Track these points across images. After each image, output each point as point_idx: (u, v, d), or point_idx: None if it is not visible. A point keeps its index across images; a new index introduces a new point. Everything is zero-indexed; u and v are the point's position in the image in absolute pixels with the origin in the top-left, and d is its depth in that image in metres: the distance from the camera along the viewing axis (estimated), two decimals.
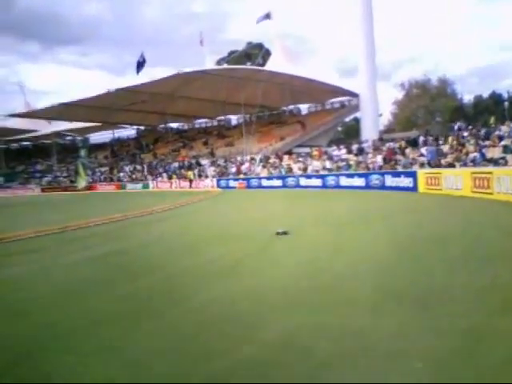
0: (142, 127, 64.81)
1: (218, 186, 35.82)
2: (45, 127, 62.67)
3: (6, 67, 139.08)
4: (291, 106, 52.91)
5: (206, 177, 38.50)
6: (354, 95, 44.90)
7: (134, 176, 46.57)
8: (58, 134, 62.59)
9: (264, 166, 34.80)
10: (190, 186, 37.66)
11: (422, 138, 25.30)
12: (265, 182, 32.25)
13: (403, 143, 26.02)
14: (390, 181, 21.77)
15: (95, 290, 5.44)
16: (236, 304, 4.46)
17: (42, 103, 53.65)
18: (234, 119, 56.77)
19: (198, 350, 3.39)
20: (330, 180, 26.71)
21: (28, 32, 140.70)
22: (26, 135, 66.27)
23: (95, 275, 6.28)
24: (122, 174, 48.28)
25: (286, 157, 35.53)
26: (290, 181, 30.17)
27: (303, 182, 29.14)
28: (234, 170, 37.08)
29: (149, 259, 7.35)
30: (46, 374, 3.13)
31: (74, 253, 8.26)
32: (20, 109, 58.49)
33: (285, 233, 8.85)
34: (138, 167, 48.58)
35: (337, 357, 3.12)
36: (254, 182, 33.15)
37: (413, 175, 20.00)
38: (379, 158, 25.38)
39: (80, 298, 5.11)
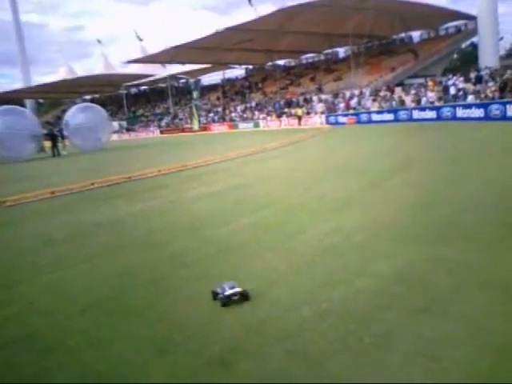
0: (250, 66, 65.76)
1: (327, 122, 35.74)
2: (160, 71, 66.31)
3: (121, 15, 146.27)
4: (402, 35, 49.97)
5: (316, 113, 38.65)
6: (471, 18, 41.34)
7: (245, 115, 48.22)
8: (173, 77, 65.82)
9: (374, 100, 34.16)
10: (299, 124, 38.11)
11: None
12: (375, 117, 31.63)
13: None
14: None
15: (217, 222, 5.79)
16: (351, 237, 4.51)
17: (155, 48, 56.42)
18: (341, 52, 55.26)
19: (319, 277, 3.53)
20: (446, 112, 25.70)
21: None
22: (144, 80, 70.72)
23: (216, 208, 6.72)
24: (233, 114, 50.18)
25: (397, 89, 34.46)
26: (402, 114, 29.44)
27: (416, 114, 28.27)
28: (342, 105, 36.72)
29: (265, 194, 7.70)
30: (177, 298, 3.42)
31: (195, 189, 8.85)
32: (137, 55, 62.34)
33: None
34: (249, 106, 50.03)
35: (453, 291, 3.04)
36: (364, 117, 32.63)
37: None
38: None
39: (203, 229, 5.46)
